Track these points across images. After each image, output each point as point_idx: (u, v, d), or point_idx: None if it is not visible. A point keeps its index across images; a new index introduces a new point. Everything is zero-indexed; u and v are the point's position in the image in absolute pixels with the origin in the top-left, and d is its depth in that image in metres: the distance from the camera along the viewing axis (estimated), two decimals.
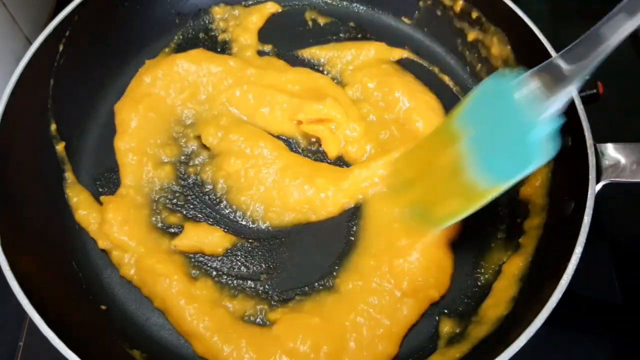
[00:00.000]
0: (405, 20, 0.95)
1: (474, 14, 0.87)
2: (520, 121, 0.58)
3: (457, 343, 0.68)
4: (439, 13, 0.92)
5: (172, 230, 0.76)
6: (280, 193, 0.77)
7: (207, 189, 0.79)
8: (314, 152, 0.82)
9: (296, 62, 0.90)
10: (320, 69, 0.90)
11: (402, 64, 0.91)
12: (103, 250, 0.74)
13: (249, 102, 0.84)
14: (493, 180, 0.60)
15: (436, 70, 0.91)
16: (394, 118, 0.84)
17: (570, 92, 0.57)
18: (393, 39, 0.93)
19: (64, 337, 0.57)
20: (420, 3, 0.93)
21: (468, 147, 0.61)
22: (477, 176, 0.61)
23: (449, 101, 0.86)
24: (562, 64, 0.57)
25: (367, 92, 0.86)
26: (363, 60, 0.90)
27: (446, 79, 0.90)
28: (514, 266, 0.72)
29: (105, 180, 0.80)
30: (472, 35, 0.89)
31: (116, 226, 0.74)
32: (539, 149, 0.57)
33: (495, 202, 0.64)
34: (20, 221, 0.69)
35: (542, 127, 0.57)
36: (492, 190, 0.61)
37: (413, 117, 0.83)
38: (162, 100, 0.84)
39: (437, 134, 0.69)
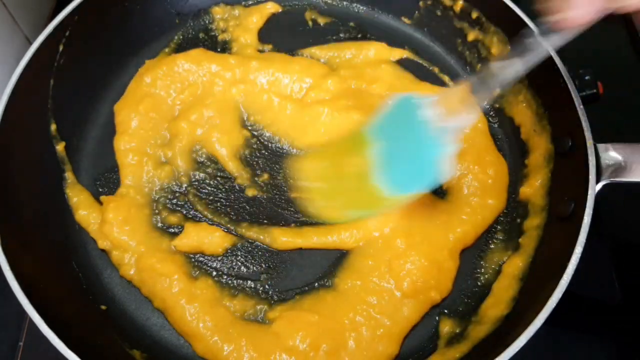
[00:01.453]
0: (405, 20, 0.95)
1: (474, 14, 0.87)
2: (422, 140, 0.63)
3: (457, 343, 0.68)
4: (439, 13, 0.92)
5: (172, 230, 0.76)
6: None
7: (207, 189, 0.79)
8: None
9: None
10: None
11: (402, 64, 0.91)
12: (103, 251, 0.74)
13: None
14: (393, 190, 0.65)
15: (436, 70, 0.91)
16: None
17: (464, 121, 0.63)
18: (393, 39, 0.93)
19: (64, 337, 0.57)
20: (420, 3, 0.93)
21: (376, 156, 0.66)
22: (380, 184, 0.65)
23: None
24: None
25: None
26: (363, 60, 0.90)
27: (446, 78, 0.90)
28: (514, 266, 0.72)
29: (105, 180, 0.80)
30: (472, 35, 0.89)
31: (116, 226, 0.74)
32: (434, 169, 0.62)
33: None
34: (20, 221, 0.69)
35: (439, 148, 0.62)
36: (392, 199, 0.65)
37: None
38: (162, 100, 0.84)
39: (350, 139, 0.73)
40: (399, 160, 0.65)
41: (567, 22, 0.50)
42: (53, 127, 0.79)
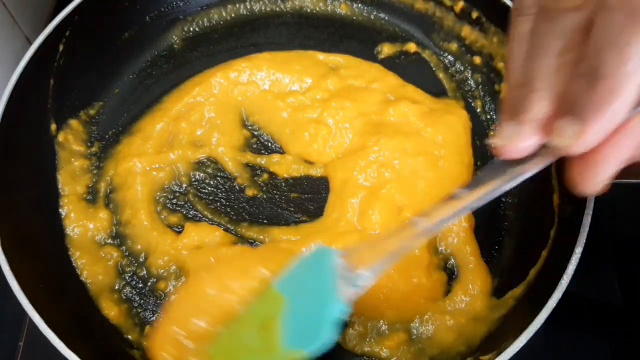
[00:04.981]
0: (406, 20, 0.95)
1: (474, 14, 0.87)
2: (324, 295, 0.54)
3: None
4: (438, 13, 0.92)
5: (173, 230, 0.76)
6: None
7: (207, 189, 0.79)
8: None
9: None
10: None
11: (402, 63, 0.91)
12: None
13: None
14: (291, 347, 0.55)
15: (437, 70, 0.91)
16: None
17: (365, 280, 0.53)
18: (393, 39, 0.93)
19: (64, 337, 0.57)
20: (421, 3, 0.93)
21: (282, 313, 0.57)
22: (281, 341, 0.56)
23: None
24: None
25: None
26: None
27: (446, 78, 0.90)
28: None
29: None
30: (472, 36, 0.89)
31: None
32: (327, 328, 0.53)
33: (496, 202, 0.64)
34: (20, 221, 0.69)
35: (336, 306, 0.53)
36: (289, 355, 0.55)
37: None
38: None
39: (259, 298, 0.61)
40: (301, 316, 0.56)
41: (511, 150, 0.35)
42: (53, 127, 0.79)
